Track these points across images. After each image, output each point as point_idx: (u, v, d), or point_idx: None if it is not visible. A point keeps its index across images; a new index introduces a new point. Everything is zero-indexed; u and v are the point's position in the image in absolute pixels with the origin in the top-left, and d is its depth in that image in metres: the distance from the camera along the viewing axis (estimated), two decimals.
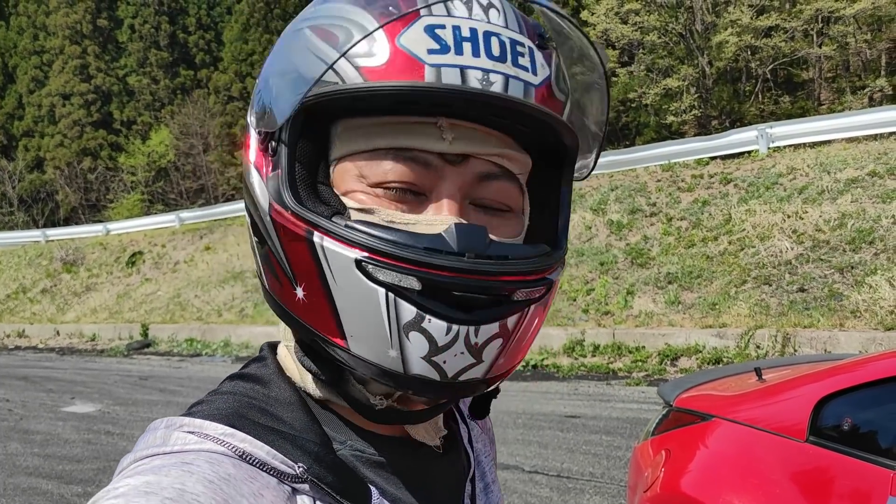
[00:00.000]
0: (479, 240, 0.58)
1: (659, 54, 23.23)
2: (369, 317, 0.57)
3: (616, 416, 6.80)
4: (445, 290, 0.56)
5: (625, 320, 10.05)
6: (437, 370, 0.58)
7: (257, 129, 0.64)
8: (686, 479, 2.88)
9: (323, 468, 0.61)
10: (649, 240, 11.59)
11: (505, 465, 5.63)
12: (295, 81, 0.59)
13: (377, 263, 0.56)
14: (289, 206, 0.59)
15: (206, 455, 0.56)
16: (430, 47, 0.57)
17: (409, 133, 0.60)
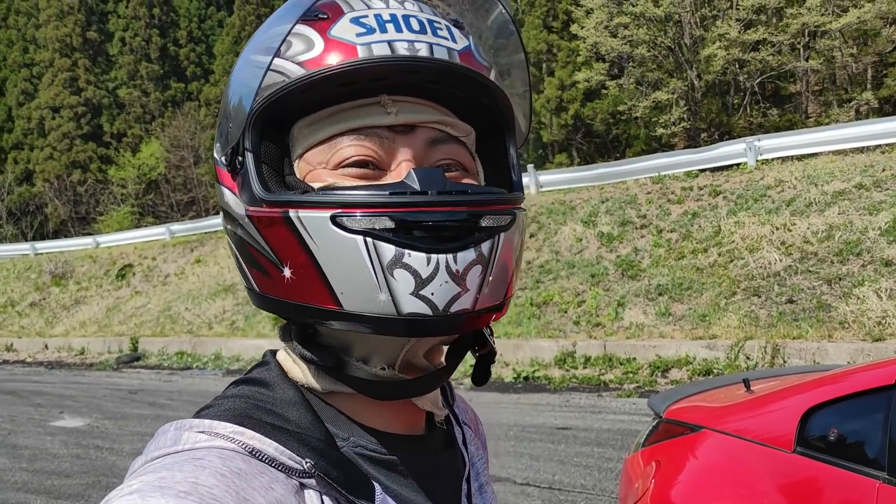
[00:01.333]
0: (438, 178, 0.64)
1: (648, 67, 23.40)
2: (354, 266, 0.61)
3: (607, 428, 6.81)
4: (417, 224, 0.61)
5: (616, 332, 10.08)
6: (427, 304, 0.61)
7: (223, 154, 0.70)
8: (676, 489, 2.90)
9: (328, 464, 0.63)
10: (640, 252, 11.64)
11: (497, 478, 5.63)
12: (245, 93, 0.66)
13: (350, 215, 0.61)
14: (261, 198, 0.64)
15: (217, 451, 0.59)
16: (357, 32, 0.64)
17: (357, 115, 0.67)
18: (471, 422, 0.91)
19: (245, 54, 0.70)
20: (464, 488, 0.78)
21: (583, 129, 28.43)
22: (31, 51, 41.39)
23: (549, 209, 13.81)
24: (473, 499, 0.80)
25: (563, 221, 13.23)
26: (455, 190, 0.64)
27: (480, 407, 7.92)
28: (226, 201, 0.70)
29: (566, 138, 28.62)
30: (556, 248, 12.75)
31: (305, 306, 0.64)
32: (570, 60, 26.69)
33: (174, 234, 21.89)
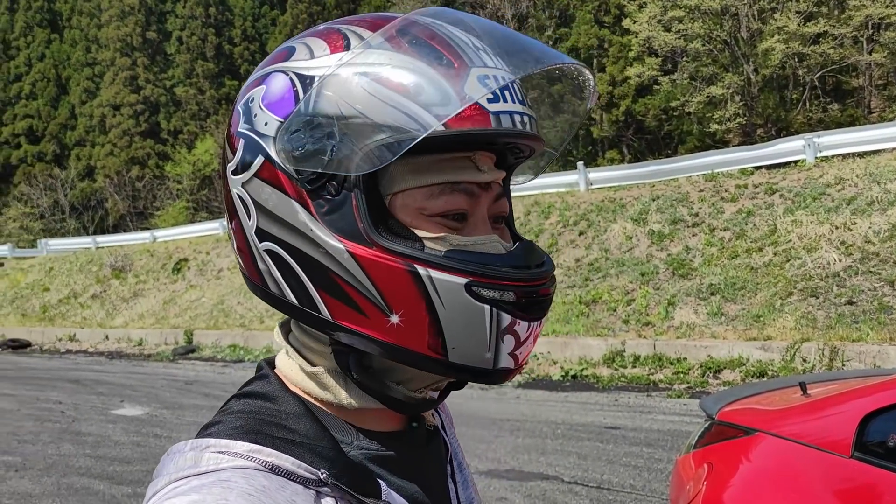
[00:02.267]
0: (538, 254, 0.74)
1: (703, 62, 22.98)
2: (474, 329, 0.67)
3: (657, 429, 6.74)
4: (531, 298, 0.70)
5: (666, 331, 9.95)
6: (514, 360, 0.70)
7: (302, 163, 0.67)
8: (728, 492, 2.86)
9: (339, 470, 0.68)
10: (691, 250, 11.46)
11: (544, 476, 5.63)
12: (361, 125, 0.64)
13: (481, 285, 0.67)
14: (381, 244, 0.66)
15: (240, 471, 0.62)
16: (487, 95, 0.66)
17: (455, 168, 0.70)
18: (442, 407, 0.97)
19: (348, 72, 0.66)
20: (448, 469, 0.86)
21: (634, 125, 28.08)
22: (93, 50, 42.72)
23: (599, 207, 13.69)
24: (456, 477, 0.87)
25: (613, 219, 13.10)
26: (547, 266, 0.74)
27: (528, 404, 7.93)
28: (295, 216, 0.69)
29: (617, 135, 28.30)
30: (605, 245, 12.63)
31: (402, 349, 0.68)
32: (621, 56, 26.36)
33: (215, 230, 22.34)
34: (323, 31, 0.72)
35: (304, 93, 0.67)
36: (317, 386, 0.74)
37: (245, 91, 0.73)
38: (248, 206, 0.72)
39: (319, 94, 0.66)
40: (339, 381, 0.73)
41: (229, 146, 0.74)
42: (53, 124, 43.01)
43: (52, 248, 28.47)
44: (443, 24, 0.70)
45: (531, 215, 14.54)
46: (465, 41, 0.69)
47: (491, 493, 5.36)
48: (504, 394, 8.94)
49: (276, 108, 0.69)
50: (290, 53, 0.71)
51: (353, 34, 0.69)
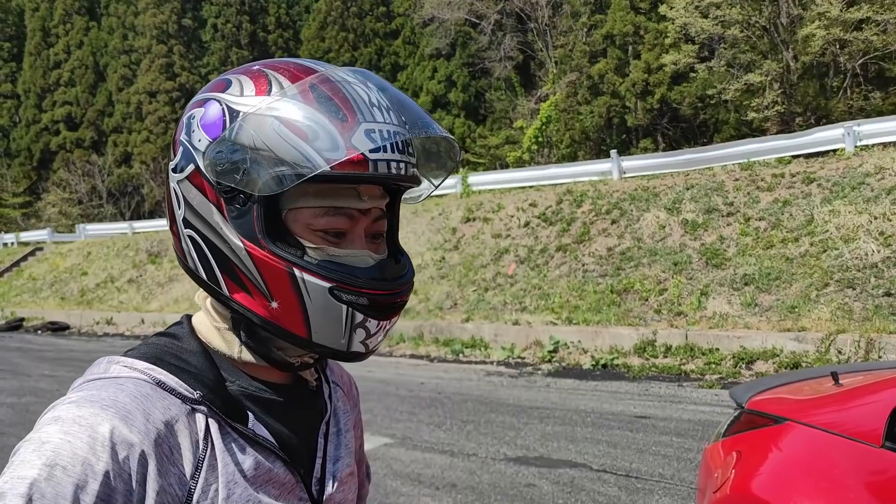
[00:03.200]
0: (398, 269, 0.94)
1: (741, 49, 22.57)
2: (333, 321, 0.87)
3: (687, 419, 6.70)
4: (382, 304, 0.89)
5: (698, 321, 9.86)
6: (364, 347, 0.91)
7: (220, 175, 0.85)
8: (757, 481, 2.85)
9: (215, 396, 0.88)
10: (725, 240, 11.32)
11: (573, 463, 5.64)
12: (272, 160, 0.82)
13: (342, 290, 0.86)
14: (267, 247, 0.85)
15: (133, 380, 0.84)
16: (371, 147, 0.83)
17: (341, 196, 0.89)
18: (344, 384, 1.18)
19: (262, 111, 0.83)
20: (322, 429, 1.03)
21: (669, 113, 27.72)
22: (130, 38, 43.29)
23: (632, 195, 13.57)
24: (329, 438, 1.04)
25: (646, 208, 12.98)
26: (405, 278, 0.94)
27: (558, 392, 7.92)
28: (212, 217, 0.88)
29: (651, 123, 27.96)
30: (637, 234, 12.53)
31: (276, 326, 0.88)
32: (657, 42, 26.00)
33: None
34: (255, 72, 0.88)
35: (230, 122, 0.84)
36: (219, 338, 0.95)
37: (190, 107, 0.90)
38: (179, 199, 0.90)
39: (241, 127, 0.83)
40: (234, 339, 0.94)
41: (173, 148, 0.91)
42: (91, 111, 43.74)
43: (89, 233, 29.05)
44: (350, 83, 0.86)
45: (563, 203, 14.47)
46: (364, 99, 0.85)
47: (519, 479, 5.38)
48: (534, 382, 8.95)
49: (208, 130, 0.86)
50: (227, 86, 0.88)
51: (276, 81, 0.86)
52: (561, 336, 10.51)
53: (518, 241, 14.14)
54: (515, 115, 32.48)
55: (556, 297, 11.89)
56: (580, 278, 12.22)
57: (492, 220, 15.24)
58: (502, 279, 13.25)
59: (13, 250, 32.16)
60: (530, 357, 10.52)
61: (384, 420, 7.37)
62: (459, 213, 16.07)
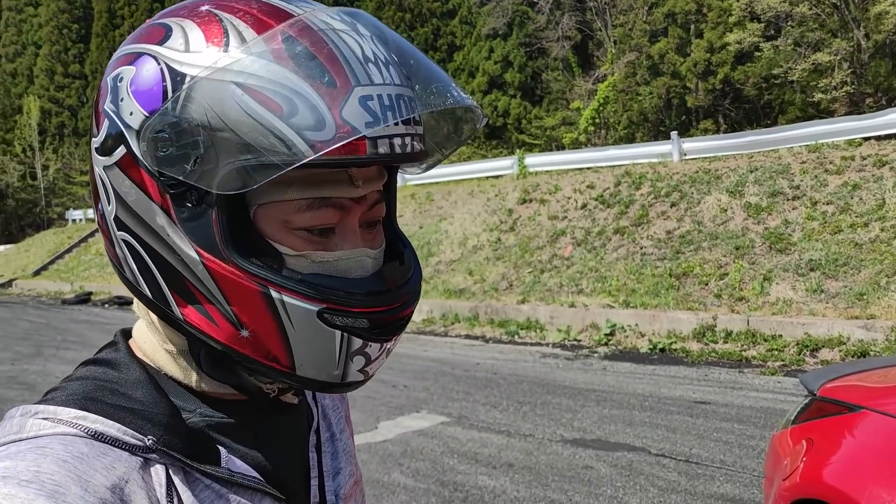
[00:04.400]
0: (400, 273, 0.74)
1: (809, 27, 21.78)
2: (323, 351, 0.68)
3: (749, 405, 6.57)
4: (385, 325, 0.70)
5: (760, 307, 9.63)
6: (363, 375, 0.72)
7: (162, 172, 0.64)
8: (829, 469, 2.78)
9: (173, 436, 0.67)
10: (790, 224, 11.01)
11: (631, 447, 5.60)
12: (232, 144, 0.60)
13: (335, 313, 0.66)
14: (238, 263, 0.64)
15: (59, 438, 0.62)
16: (366, 120, 0.61)
17: (327, 183, 0.67)
18: None
19: (220, 75, 0.61)
20: (312, 440, 0.85)
21: (731, 94, 26.97)
22: None
23: (693, 178, 13.29)
24: (324, 447, 0.87)
25: (707, 191, 12.70)
26: (411, 284, 0.74)
27: (615, 376, 7.87)
28: (154, 218, 0.66)
29: (713, 104, 27.26)
30: (698, 218, 12.28)
31: (250, 358, 0.68)
32: (721, 21, 25.28)
33: None
34: (204, 16, 0.65)
35: (172, 91, 0.62)
36: (170, 361, 0.73)
37: (115, 65, 0.67)
38: (108, 190, 0.68)
39: (189, 97, 0.61)
40: (192, 364, 0.73)
41: (95, 120, 0.69)
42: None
43: None
44: (337, 31, 0.64)
45: (621, 185, 14.26)
46: (357, 54, 0.64)
47: (577, 461, 5.37)
48: (590, 365, 8.89)
49: (142, 100, 0.64)
50: (166, 36, 0.65)
51: (233, 31, 0.63)
52: (618, 319, 10.40)
53: (575, 223, 14.01)
54: (572, 95, 32.04)
55: (613, 280, 11.76)
56: (638, 261, 12.05)
57: (548, 202, 15.13)
58: (558, 261, 13.17)
59: (81, 226, 33.45)
60: (586, 340, 10.45)
61: (440, 399, 7.43)
62: (516, 195, 15.99)
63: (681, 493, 4.69)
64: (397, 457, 5.71)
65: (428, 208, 17.78)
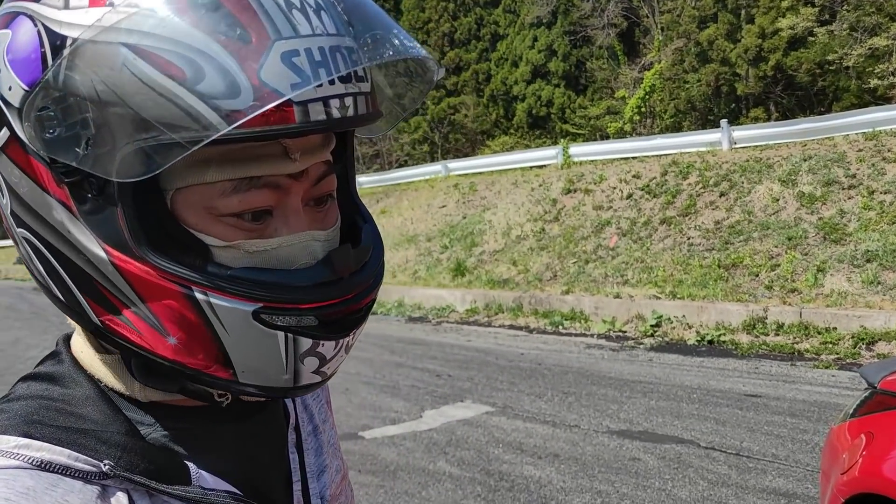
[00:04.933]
0: (350, 258, 0.61)
1: (865, 10, 21.08)
2: (267, 356, 0.58)
3: (802, 399, 6.41)
4: (338, 319, 0.60)
5: (814, 299, 9.38)
6: (320, 376, 0.62)
7: (52, 157, 0.54)
8: (889, 464, 2.68)
9: (134, 456, 0.59)
10: (846, 214, 10.68)
11: (679, 439, 5.51)
12: (138, 127, 0.50)
13: (273, 311, 0.56)
14: (152, 262, 0.54)
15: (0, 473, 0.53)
16: (292, 81, 0.50)
17: (257, 160, 0.57)
18: None
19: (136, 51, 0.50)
20: (291, 437, 0.76)
21: (783, 81, 26.28)
22: None
23: (743, 167, 12.99)
24: (305, 444, 0.78)
25: (758, 180, 12.40)
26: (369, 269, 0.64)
27: (661, 367, 7.75)
28: (51, 213, 0.57)
29: (764, 91, 26.61)
30: (748, 207, 12.00)
31: (184, 366, 0.58)
32: (773, 6, 24.61)
33: (361, 185, 23.02)
34: None
35: (52, 58, 0.52)
36: (109, 373, 0.63)
37: None
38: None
39: (72, 65, 0.51)
40: (127, 373, 0.64)
41: None
42: None
43: None
44: None
45: (668, 175, 14.02)
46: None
47: (623, 452, 5.31)
48: (636, 356, 8.78)
49: (20, 71, 0.53)
50: None
51: None
52: (664, 310, 10.24)
53: (620, 213, 13.82)
54: (617, 84, 31.59)
55: (660, 271, 11.58)
56: (685, 252, 11.84)
57: (593, 192, 14.96)
58: (603, 251, 13.02)
59: None
60: (631, 331, 10.32)
61: (485, 389, 7.42)
62: (560, 185, 15.85)
63: (732, 486, 4.60)
64: (442, 446, 5.71)
65: (471, 198, 17.74)
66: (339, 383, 7.62)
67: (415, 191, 19.87)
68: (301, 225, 0.60)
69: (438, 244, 16.38)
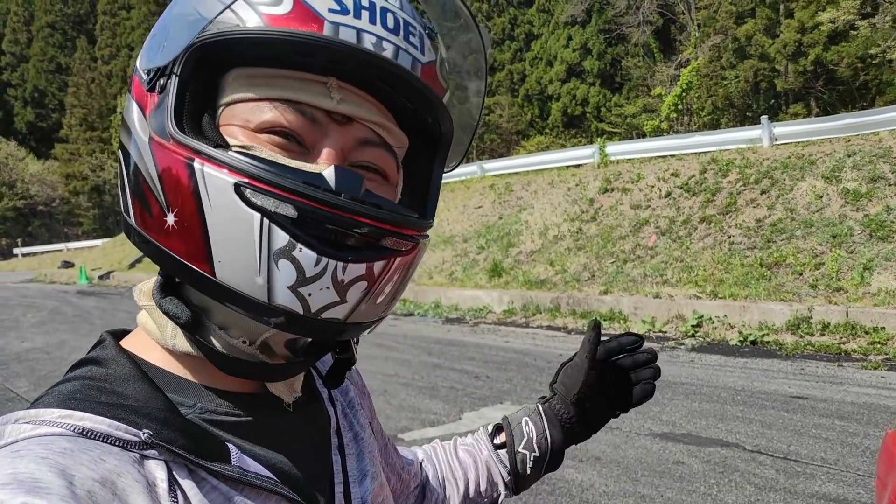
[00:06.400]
0: (356, 184, 0.61)
1: None
2: (241, 241, 0.58)
3: (851, 401, 6.25)
4: (319, 223, 0.58)
5: (861, 298, 9.15)
6: (301, 302, 0.59)
7: (146, 69, 0.65)
8: None
9: (172, 431, 0.60)
10: (893, 211, 10.40)
11: (724, 442, 5.41)
12: (194, 21, 0.61)
13: (255, 189, 0.57)
14: (171, 134, 0.60)
15: (38, 439, 0.55)
16: (331, 7, 0.60)
17: (299, 88, 0.62)
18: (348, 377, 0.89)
19: None
20: (334, 441, 0.77)
21: (824, 75, 25.73)
22: None
23: (785, 164, 12.73)
24: (347, 449, 0.78)
25: (801, 177, 12.15)
26: (369, 201, 0.61)
27: (703, 369, 7.63)
28: (131, 116, 0.66)
29: (804, 87, 26.08)
30: (790, 205, 11.76)
31: (176, 259, 0.61)
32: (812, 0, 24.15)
33: None
34: None
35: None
36: (151, 324, 0.68)
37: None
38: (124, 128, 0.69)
39: None
40: (166, 319, 0.67)
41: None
42: None
43: None
44: None
45: (707, 173, 13.81)
46: None
47: (667, 456, 5.22)
48: (677, 357, 8.65)
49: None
50: None
51: None
52: (705, 310, 10.08)
53: (658, 212, 13.65)
54: (653, 82, 31.24)
55: (700, 270, 11.41)
56: (726, 251, 11.65)
57: (631, 191, 14.80)
58: (642, 251, 12.87)
59: None
60: (672, 331, 10.18)
61: (523, 390, 7.37)
62: (597, 184, 15.71)
63: (780, 491, 4.49)
64: None
65: (507, 199, 17.68)
66: (378, 385, 7.64)
67: (451, 192, 19.86)
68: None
69: (475, 245, 16.35)
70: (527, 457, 1.04)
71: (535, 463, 1.04)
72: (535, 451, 1.04)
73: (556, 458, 1.06)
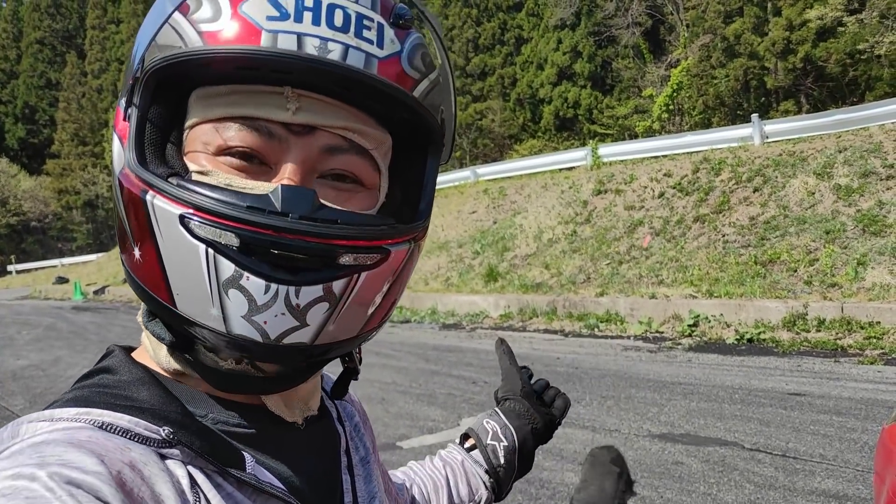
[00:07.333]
0: (306, 201, 0.58)
1: None
2: (191, 274, 0.57)
3: (848, 396, 6.25)
4: (264, 248, 0.56)
5: (855, 293, 9.17)
6: (258, 331, 0.58)
7: (120, 101, 0.65)
8: None
9: (190, 434, 0.59)
10: (885, 205, 10.44)
11: (723, 441, 5.40)
12: (142, 44, 0.62)
13: (199, 220, 0.56)
14: (130, 166, 0.59)
15: (60, 431, 0.54)
16: (269, 14, 0.57)
17: (255, 103, 0.60)
18: (351, 400, 0.89)
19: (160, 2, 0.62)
20: (343, 461, 0.76)
21: (813, 72, 25.84)
22: None
23: (776, 161, 12.77)
24: (356, 470, 0.77)
25: (793, 174, 12.19)
26: (322, 218, 0.58)
27: (701, 368, 7.63)
28: (112, 150, 0.65)
29: (793, 84, 26.19)
30: (783, 202, 11.80)
31: (145, 290, 0.61)
32: None
33: None
34: None
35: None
36: (149, 344, 0.68)
37: None
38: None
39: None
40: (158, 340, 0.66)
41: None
42: None
43: None
44: None
45: (700, 172, 13.85)
46: None
47: (666, 456, 5.22)
48: (674, 357, 8.66)
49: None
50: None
51: None
52: (701, 310, 10.09)
53: (652, 213, 13.68)
54: (644, 83, 31.34)
55: (695, 270, 11.42)
56: (720, 249, 11.67)
57: (624, 192, 14.82)
58: (637, 252, 12.89)
59: None
60: (669, 331, 10.19)
61: None
62: (590, 186, 15.74)
63: (779, 489, 4.49)
64: None
65: (501, 203, 17.69)
66: (376, 393, 7.63)
67: (444, 197, 19.86)
68: (294, 182, 0.61)
69: (470, 250, 16.35)
70: (497, 447, 1.07)
71: (507, 453, 1.07)
72: (503, 440, 1.07)
73: (527, 455, 1.10)
